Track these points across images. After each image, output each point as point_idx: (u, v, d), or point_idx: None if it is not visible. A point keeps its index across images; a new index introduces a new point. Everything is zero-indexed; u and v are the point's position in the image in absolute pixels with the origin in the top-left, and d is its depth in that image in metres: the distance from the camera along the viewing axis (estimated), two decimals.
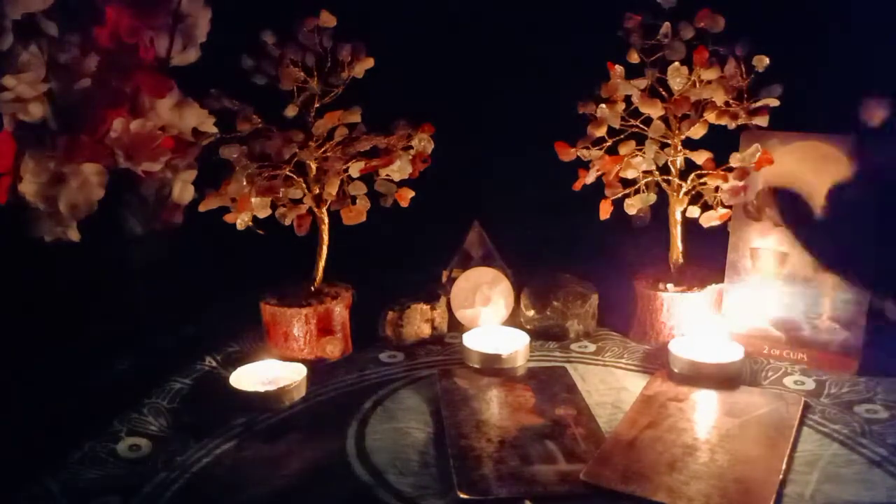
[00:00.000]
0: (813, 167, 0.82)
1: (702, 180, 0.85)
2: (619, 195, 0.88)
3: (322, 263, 0.88)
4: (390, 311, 0.91)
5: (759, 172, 0.83)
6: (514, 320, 0.95)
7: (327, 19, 0.81)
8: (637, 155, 0.85)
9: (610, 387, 0.80)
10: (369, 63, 0.83)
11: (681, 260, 0.90)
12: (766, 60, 0.81)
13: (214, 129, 0.81)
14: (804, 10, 0.92)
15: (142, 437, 0.70)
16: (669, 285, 0.89)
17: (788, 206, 0.84)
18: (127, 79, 0.75)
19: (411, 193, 0.86)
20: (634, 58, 0.84)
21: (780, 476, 0.61)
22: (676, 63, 0.83)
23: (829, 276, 0.81)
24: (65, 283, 0.84)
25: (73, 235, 0.75)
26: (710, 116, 0.83)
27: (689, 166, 0.87)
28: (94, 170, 0.74)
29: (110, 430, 0.71)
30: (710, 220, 0.86)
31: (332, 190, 0.83)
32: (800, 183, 0.83)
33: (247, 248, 0.84)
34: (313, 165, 0.84)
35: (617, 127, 0.86)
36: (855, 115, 0.77)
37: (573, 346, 0.90)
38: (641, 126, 0.85)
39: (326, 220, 0.86)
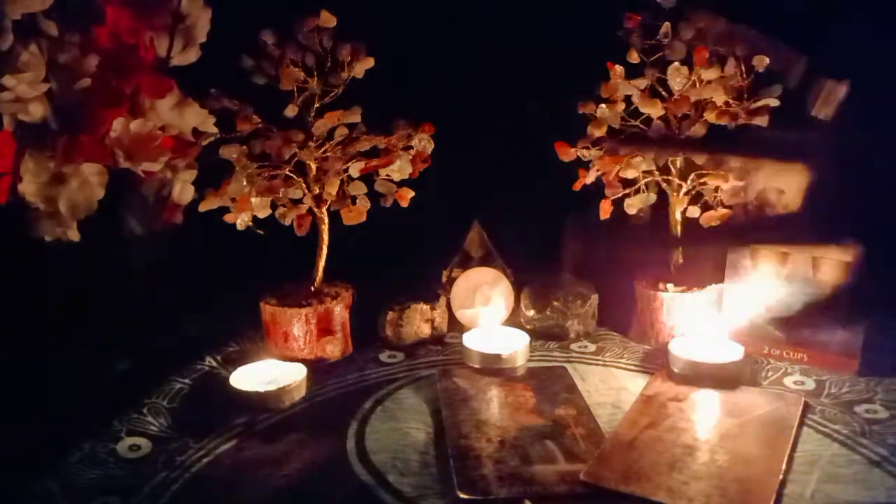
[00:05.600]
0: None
1: (702, 180, 0.85)
2: (619, 195, 0.88)
3: (322, 263, 0.88)
4: (390, 311, 0.91)
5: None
6: (514, 320, 0.95)
7: (327, 19, 0.81)
8: (637, 155, 0.85)
9: (610, 387, 0.80)
10: (369, 63, 0.83)
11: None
12: (766, 60, 0.81)
13: (214, 129, 0.81)
14: (804, 10, 0.92)
15: (142, 437, 0.70)
16: (669, 285, 0.89)
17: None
18: (127, 79, 0.75)
19: (411, 193, 0.86)
20: (634, 58, 0.84)
21: (780, 476, 0.61)
22: (676, 63, 0.83)
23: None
24: (65, 283, 0.84)
25: (73, 235, 0.75)
26: (710, 116, 0.83)
27: (689, 166, 0.87)
28: (94, 170, 0.74)
29: (110, 430, 0.71)
30: (710, 220, 0.86)
31: (332, 190, 0.83)
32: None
33: (247, 248, 0.84)
34: (313, 165, 0.84)
35: (617, 127, 0.86)
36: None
37: (573, 346, 0.90)
38: (641, 126, 0.86)
39: (326, 220, 0.86)
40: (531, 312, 0.93)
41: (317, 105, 0.83)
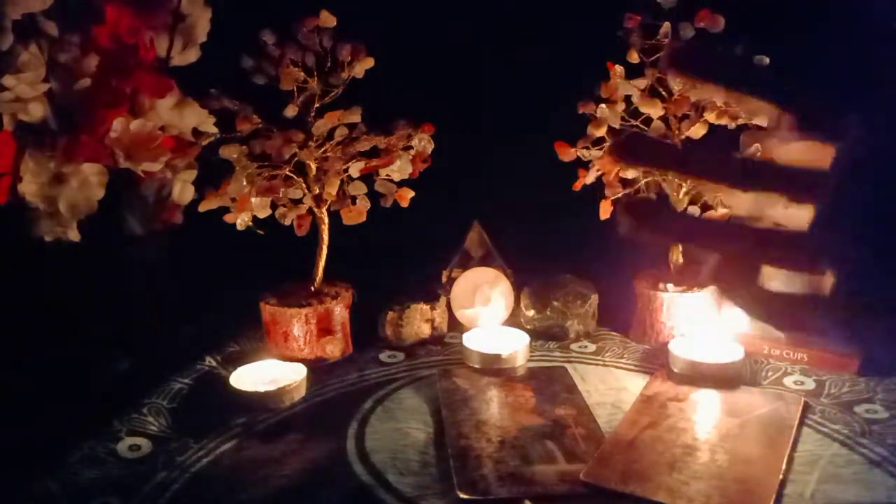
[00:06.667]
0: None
1: None
2: (619, 195, 0.88)
3: (322, 263, 0.88)
4: (390, 311, 0.91)
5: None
6: (514, 320, 0.95)
7: (327, 19, 0.81)
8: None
9: (610, 387, 0.80)
10: (369, 63, 0.83)
11: (681, 260, 0.90)
12: (766, 60, 0.81)
13: (214, 129, 0.81)
14: (804, 10, 0.92)
15: (142, 437, 0.70)
16: (669, 285, 0.89)
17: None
18: (127, 79, 0.75)
19: (411, 193, 0.86)
20: (634, 58, 0.84)
21: (780, 476, 0.61)
22: None
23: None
24: (65, 283, 0.84)
25: (73, 235, 0.75)
26: (710, 116, 0.83)
27: None
28: (94, 170, 0.74)
29: (110, 430, 0.71)
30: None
31: (332, 190, 0.83)
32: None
33: (247, 248, 0.84)
34: (313, 165, 0.83)
35: (617, 127, 0.86)
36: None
37: (573, 346, 0.90)
38: (641, 126, 0.85)
39: (326, 220, 0.86)
40: (531, 312, 0.93)
41: (317, 105, 0.83)
